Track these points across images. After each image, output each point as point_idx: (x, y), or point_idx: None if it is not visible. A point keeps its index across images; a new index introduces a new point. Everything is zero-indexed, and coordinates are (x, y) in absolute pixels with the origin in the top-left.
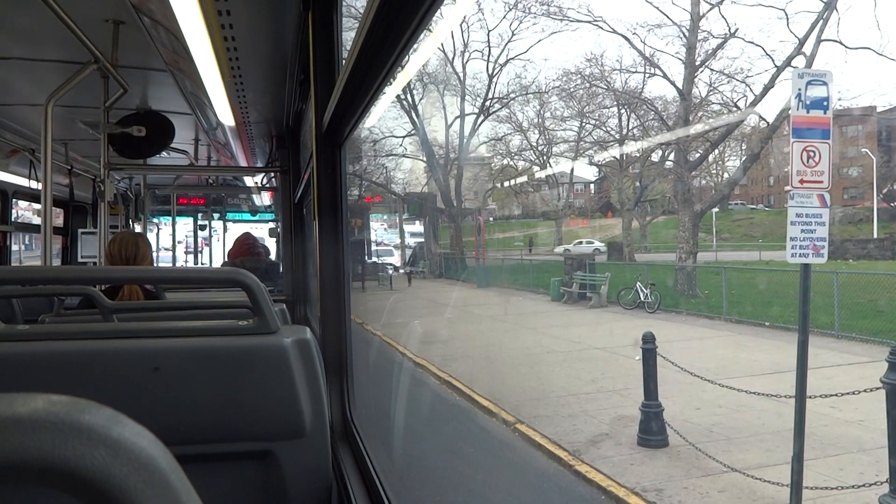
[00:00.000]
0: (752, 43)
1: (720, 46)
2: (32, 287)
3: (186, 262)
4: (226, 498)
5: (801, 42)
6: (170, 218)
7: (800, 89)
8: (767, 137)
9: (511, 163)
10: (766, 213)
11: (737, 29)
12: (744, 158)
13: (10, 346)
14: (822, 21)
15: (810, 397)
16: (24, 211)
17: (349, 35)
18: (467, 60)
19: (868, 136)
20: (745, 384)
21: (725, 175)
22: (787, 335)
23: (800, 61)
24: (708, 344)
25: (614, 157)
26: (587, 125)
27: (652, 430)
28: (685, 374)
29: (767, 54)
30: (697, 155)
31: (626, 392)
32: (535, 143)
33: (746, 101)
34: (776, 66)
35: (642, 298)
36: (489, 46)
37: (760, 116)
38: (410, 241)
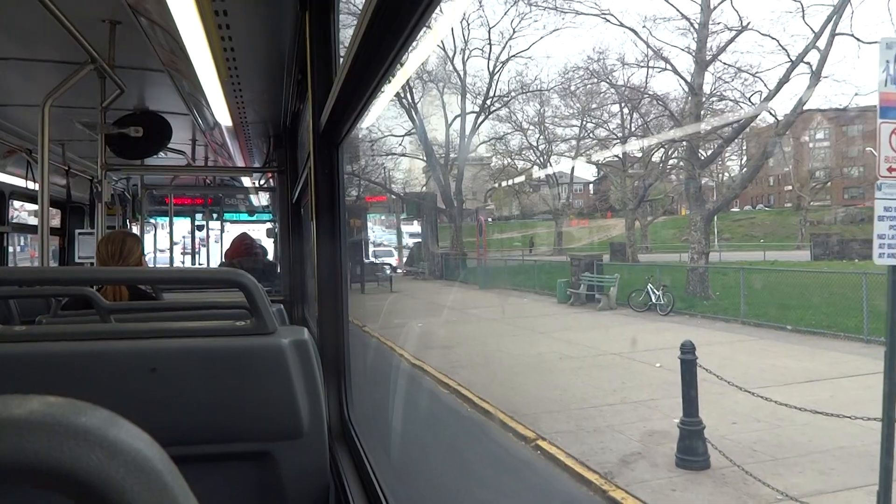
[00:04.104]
0: (767, 35)
1: (733, 39)
2: (29, 288)
3: (184, 262)
4: (223, 499)
5: (817, 35)
6: (167, 218)
7: (888, 61)
8: (780, 133)
9: (511, 162)
10: (767, 213)
11: (749, 23)
12: (744, 159)
13: (7, 348)
14: (836, 15)
15: (864, 419)
16: (20, 212)
17: (346, 34)
18: (468, 58)
19: (867, 134)
20: (779, 395)
21: (726, 175)
22: (813, 339)
23: (814, 56)
24: (730, 349)
25: (616, 157)
26: (588, 124)
27: (692, 450)
28: (715, 382)
29: (782, 47)
30: (708, 151)
31: (652, 404)
32: (535, 143)
33: (761, 95)
34: (791, 59)
35: (654, 300)
36: (490, 44)
37: (771, 113)
38: (409, 241)
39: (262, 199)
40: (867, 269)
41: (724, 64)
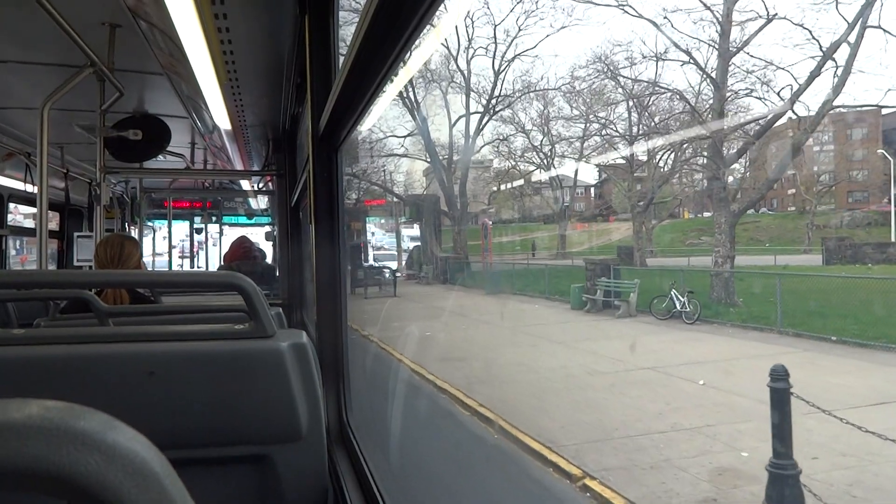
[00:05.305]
0: (800, 25)
1: (761, 29)
2: (27, 291)
3: (182, 265)
4: (221, 502)
5: (850, 27)
6: (166, 221)
7: None
8: (809, 131)
9: (514, 164)
10: (772, 217)
11: (775, 14)
12: (747, 163)
13: (5, 351)
14: (868, 7)
15: None
16: (14, 214)
17: (347, 33)
18: (472, 57)
19: (872, 137)
20: (855, 418)
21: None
22: (865, 352)
23: (843, 50)
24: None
25: (624, 159)
26: (594, 124)
27: (785, 500)
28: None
29: (815, 38)
30: (729, 149)
31: (709, 431)
32: (539, 145)
33: (792, 89)
34: (822, 52)
35: (678, 308)
36: (495, 42)
37: (793, 111)
38: (410, 245)
39: (260, 203)
40: (872, 274)
41: (750, 55)
